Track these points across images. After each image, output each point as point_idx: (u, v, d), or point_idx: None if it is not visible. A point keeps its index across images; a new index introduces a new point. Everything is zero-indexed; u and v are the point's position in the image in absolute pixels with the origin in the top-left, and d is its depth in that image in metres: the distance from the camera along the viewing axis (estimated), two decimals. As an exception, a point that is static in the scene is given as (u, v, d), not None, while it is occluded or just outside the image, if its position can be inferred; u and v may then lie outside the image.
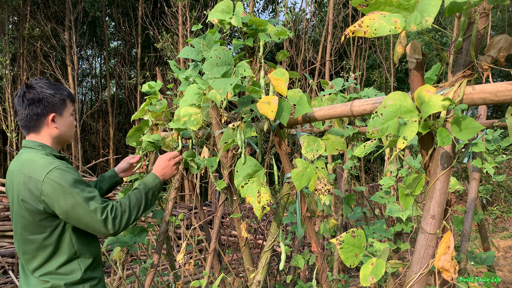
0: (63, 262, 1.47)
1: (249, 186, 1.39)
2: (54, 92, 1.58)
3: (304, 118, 1.37)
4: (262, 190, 1.38)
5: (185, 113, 1.59)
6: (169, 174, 1.70)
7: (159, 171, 1.68)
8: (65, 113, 1.61)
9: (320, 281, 1.44)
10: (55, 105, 1.57)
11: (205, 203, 7.72)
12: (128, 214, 1.49)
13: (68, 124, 1.63)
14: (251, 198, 1.37)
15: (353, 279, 4.50)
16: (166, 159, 1.70)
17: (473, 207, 2.40)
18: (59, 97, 1.58)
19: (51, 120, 1.56)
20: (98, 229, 1.43)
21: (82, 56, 14.44)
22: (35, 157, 1.48)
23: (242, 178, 1.41)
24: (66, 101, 1.61)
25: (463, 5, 0.80)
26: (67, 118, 1.62)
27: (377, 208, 5.94)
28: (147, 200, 1.57)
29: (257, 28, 1.41)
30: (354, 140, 2.86)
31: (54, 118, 1.57)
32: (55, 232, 1.46)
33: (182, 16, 9.33)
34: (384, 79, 12.05)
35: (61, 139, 1.62)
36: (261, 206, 1.36)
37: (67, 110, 1.62)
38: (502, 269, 5.19)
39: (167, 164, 1.69)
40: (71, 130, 1.65)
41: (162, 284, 3.59)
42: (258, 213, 1.35)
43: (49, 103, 1.56)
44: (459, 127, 0.87)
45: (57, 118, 1.58)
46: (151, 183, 1.62)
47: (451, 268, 0.90)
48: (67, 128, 1.62)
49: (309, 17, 10.59)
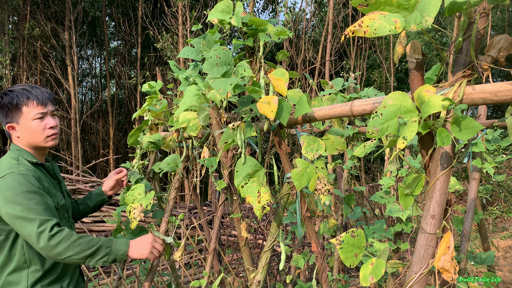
0: (12, 269, 1.42)
1: (249, 186, 1.39)
2: (7, 99, 1.48)
3: (304, 118, 1.37)
4: (262, 190, 1.38)
5: (183, 119, 1.58)
6: (140, 254, 1.51)
7: (135, 247, 1.51)
8: (22, 120, 1.49)
9: (320, 281, 1.44)
10: (7, 114, 1.50)
11: (205, 203, 7.72)
12: (67, 246, 1.34)
13: (30, 131, 1.50)
14: (251, 198, 1.37)
15: (353, 279, 4.50)
16: (151, 242, 1.54)
17: (473, 207, 2.39)
18: (10, 104, 1.48)
19: (11, 130, 1.51)
20: (33, 242, 1.34)
21: (82, 56, 14.44)
22: (3, 159, 1.47)
23: (242, 178, 1.41)
24: (21, 107, 1.48)
25: (463, 5, 0.80)
26: (26, 124, 1.49)
27: (377, 208, 5.94)
28: (95, 254, 1.40)
29: (257, 28, 1.41)
30: (354, 140, 2.86)
31: (12, 127, 1.51)
32: (10, 236, 1.42)
33: (182, 16, 9.33)
34: (384, 79, 12.05)
35: (32, 146, 1.53)
36: (261, 206, 1.35)
37: (25, 116, 1.49)
38: (502, 269, 5.18)
39: (147, 246, 1.53)
40: (36, 136, 1.51)
41: (162, 284, 3.59)
42: (258, 213, 1.35)
43: (2, 108, 1.49)
44: (459, 127, 0.87)
45: (16, 126, 1.50)
46: (116, 248, 1.45)
47: (451, 268, 0.90)
48: (30, 135, 1.50)
49: (309, 17, 10.59)
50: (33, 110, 1.49)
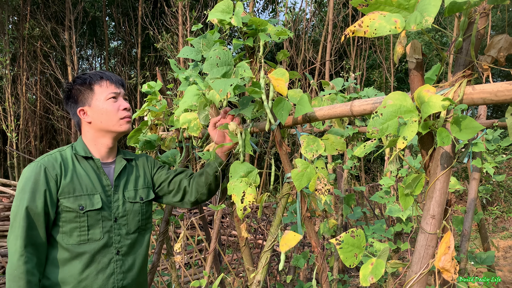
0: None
1: (236, 185, 1.37)
2: (79, 81, 1.41)
3: (304, 118, 1.37)
4: (248, 191, 1.35)
5: (184, 120, 1.57)
6: None
7: None
8: (94, 101, 1.41)
9: (320, 281, 1.44)
10: (78, 98, 1.42)
11: (205, 203, 7.72)
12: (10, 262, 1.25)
13: (103, 112, 1.41)
14: (236, 197, 1.35)
15: (353, 279, 4.50)
16: None
17: (473, 207, 2.39)
18: (82, 85, 1.41)
19: (81, 114, 1.43)
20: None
21: (82, 56, 14.44)
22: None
23: (236, 179, 1.40)
24: (94, 87, 1.41)
25: (463, 5, 0.80)
26: (99, 106, 1.41)
27: (377, 208, 5.94)
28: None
29: (257, 28, 1.41)
30: (354, 140, 2.86)
31: (83, 111, 1.43)
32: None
33: (182, 16, 9.33)
34: (384, 79, 12.05)
35: (104, 131, 1.43)
36: (243, 206, 1.33)
37: (98, 96, 1.41)
38: (502, 269, 5.18)
39: None
40: (109, 118, 1.41)
41: (162, 284, 3.59)
42: (240, 213, 1.34)
43: (73, 96, 1.42)
44: (459, 127, 0.87)
45: (88, 110, 1.42)
46: None
47: (451, 268, 0.90)
48: (103, 117, 1.41)
49: (309, 17, 10.59)
50: (106, 90, 1.42)
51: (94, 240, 1.37)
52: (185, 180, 1.59)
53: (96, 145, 1.46)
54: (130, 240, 1.47)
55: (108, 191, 1.45)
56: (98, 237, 1.38)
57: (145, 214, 1.54)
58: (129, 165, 1.56)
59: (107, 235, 1.40)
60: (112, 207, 1.44)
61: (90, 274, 1.35)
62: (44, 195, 1.32)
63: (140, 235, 1.51)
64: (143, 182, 1.57)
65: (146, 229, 1.55)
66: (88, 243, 1.36)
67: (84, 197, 1.37)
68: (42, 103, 11.82)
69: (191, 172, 1.64)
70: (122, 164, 1.51)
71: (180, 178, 1.60)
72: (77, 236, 1.35)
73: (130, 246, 1.47)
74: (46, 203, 1.32)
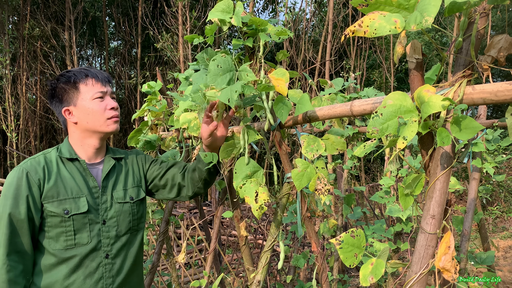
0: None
1: (247, 187, 1.38)
2: (63, 80, 1.35)
3: (304, 117, 1.37)
4: (260, 190, 1.37)
5: (184, 120, 1.57)
6: None
7: None
8: (79, 101, 1.35)
9: (320, 281, 1.44)
10: (63, 98, 1.36)
11: (205, 203, 7.72)
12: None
13: (89, 112, 1.35)
14: (249, 199, 1.36)
15: (353, 279, 4.50)
16: None
17: (473, 207, 2.39)
18: (66, 84, 1.35)
19: (67, 114, 1.38)
20: None
21: (82, 56, 14.44)
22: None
23: (241, 179, 1.40)
24: (79, 85, 1.35)
25: (463, 5, 0.80)
26: (85, 105, 1.35)
27: (377, 208, 5.94)
28: None
29: (257, 28, 1.41)
30: (354, 140, 2.86)
31: (68, 111, 1.37)
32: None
33: (182, 16, 9.33)
34: (384, 79, 12.06)
35: (91, 131, 1.38)
36: (258, 205, 1.35)
37: (83, 95, 1.35)
38: (502, 269, 5.18)
39: None
40: (96, 118, 1.36)
41: (162, 284, 3.59)
42: (256, 213, 1.34)
43: (57, 95, 1.37)
44: (459, 127, 0.87)
45: (73, 109, 1.37)
46: None
47: (452, 268, 0.90)
48: (89, 118, 1.36)
49: (309, 17, 10.58)
50: (92, 89, 1.36)
51: (82, 245, 1.33)
52: (178, 175, 1.54)
53: (82, 145, 1.42)
54: (120, 242, 1.42)
55: (95, 193, 1.40)
56: (86, 241, 1.34)
57: (136, 214, 1.48)
58: (118, 164, 1.51)
59: (95, 238, 1.36)
60: (100, 209, 1.39)
61: (77, 279, 1.32)
62: (27, 200, 1.27)
63: (132, 235, 1.47)
64: (133, 181, 1.51)
65: (139, 229, 1.51)
66: (75, 248, 1.32)
67: (69, 200, 1.32)
68: (42, 103, 11.82)
69: (184, 165, 1.58)
70: (111, 164, 1.46)
71: (173, 173, 1.55)
72: (64, 241, 1.31)
73: (121, 248, 1.42)
74: (30, 209, 1.28)
